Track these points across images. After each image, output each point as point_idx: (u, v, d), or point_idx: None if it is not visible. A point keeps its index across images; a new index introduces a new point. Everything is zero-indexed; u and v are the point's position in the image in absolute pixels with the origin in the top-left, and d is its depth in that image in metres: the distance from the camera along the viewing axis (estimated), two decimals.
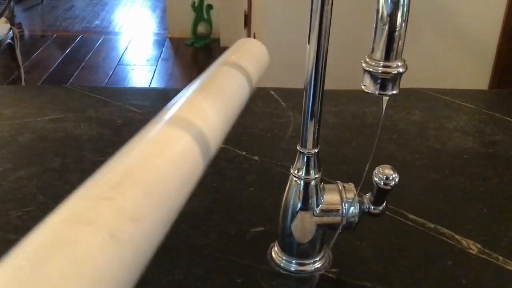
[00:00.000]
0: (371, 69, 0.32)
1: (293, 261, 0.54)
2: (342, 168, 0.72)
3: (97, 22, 4.79)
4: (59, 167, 0.69)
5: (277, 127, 0.82)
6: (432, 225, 0.60)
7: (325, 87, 0.48)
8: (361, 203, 0.51)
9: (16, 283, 0.17)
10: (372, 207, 0.51)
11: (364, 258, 0.55)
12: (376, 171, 0.48)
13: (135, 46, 4.14)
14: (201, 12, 4.04)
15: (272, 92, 0.94)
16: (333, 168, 0.72)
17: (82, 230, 0.20)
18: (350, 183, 0.53)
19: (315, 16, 0.43)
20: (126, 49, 4.06)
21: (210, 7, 4.05)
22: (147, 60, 3.82)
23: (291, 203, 0.51)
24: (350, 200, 0.51)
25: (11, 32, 2.70)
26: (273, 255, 0.55)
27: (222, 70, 0.39)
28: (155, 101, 0.90)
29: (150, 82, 3.44)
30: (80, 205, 0.22)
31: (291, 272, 0.53)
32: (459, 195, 0.67)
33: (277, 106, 0.89)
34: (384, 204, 0.51)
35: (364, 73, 0.32)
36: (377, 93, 0.32)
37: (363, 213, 0.52)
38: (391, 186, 0.48)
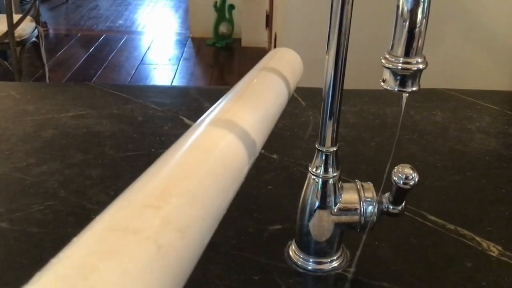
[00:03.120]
0: (390, 66, 0.31)
1: (311, 260, 0.54)
2: (361, 167, 0.72)
3: (120, 21, 4.84)
4: (81, 163, 0.70)
5: (296, 126, 0.82)
6: (452, 227, 0.59)
7: (346, 87, 0.48)
8: (379, 202, 0.51)
9: None
10: (391, 207, 0.51)
11: (382, 258, 0.55)
12: (395, 170, 0.48)
13: (158, 45, 4.17)
14: (223, 12, 4.05)
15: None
16: (352, 167, 0.71)
17: (128, 239, 0.19)
18: (369, 182, 0.52)
19: (335, 15, 0.43)
20: (148, 48, 4.10)
21: (232, 7, 4.06)
22: (169, 60, 3.85)
23: (309, 201, 0.51)
24: (369, 199, 0.51)
25: (36, 30, 2.75)
26: (291, 253, 0.55)
27: (259, 77, 0.39)
28: (175, 98, 0.91)
29: (172, 81, 3.47)
30: (124, 212, 0.21)
31: (308, 270, 0.53)
32: (480, 197, 0.66)
33: (297, 105, 0.89)
34: (403, 204, 0.51)
35: (383, 70, 0.32)
36: (396, 89, 0.32)
37: (381, 213, 0.51)
38: (410, 185, 0.48)
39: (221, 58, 3.97)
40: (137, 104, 0.87)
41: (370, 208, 0.50)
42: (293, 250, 0.55)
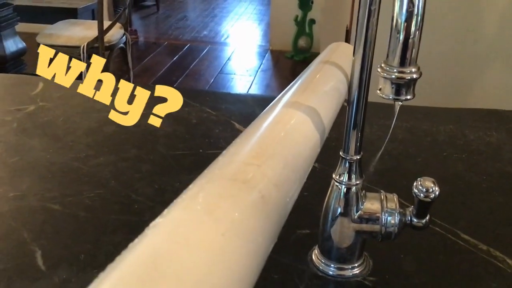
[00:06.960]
0: (385, 75, 0.33)
1: (332, 265, 0.55)
2: (402, 182, 0.71)
3: (205, 32, 5.02)
4: (133, 157, 0.75)
5: None
6: (484, 247, 0.58)
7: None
8: (402, 214, 0.51)
9: (191, 223, 0.20)
10: (415, 220, 0.51)
11: (405, 271, 0.55)
12: (416, 183, 0.48)
13: (238, 56, 4.29)
14: (303, 26, 4.09)
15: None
16: (392, 181, 0.71)
17: (238, 186, 0.23)
18: (393, 194, 0.53)
19: (361, 29, 0.45)
20: (228, 59, 4.21)
21: (312, 21, 4.09)
22: (247, 70, 3.94)
23: (332, 207, 0.53)
24: (391, 210, 0.51)
25: (124, 37, 2.92)
26: (313, 257, 0.56)
27: (322, 71, 0.43)
28: (230, 104, 0.95)
29: (247, 91, 3.55)
30: (230, 167, 0.25)
31: (329, 275, 0.55)
32: None
33: None
34: (427, 217, 0.51)
35: (379, 79, 0.33)
36: (391, 97, 0.33)
37: (404, 225, 0.51)
38: (431, 198, 0.48)
39: (298, 71, 3.99)
40: (194, 107, 0.92)
41: (391, 218, 0.51)
42: (316, 255, 0.56)
